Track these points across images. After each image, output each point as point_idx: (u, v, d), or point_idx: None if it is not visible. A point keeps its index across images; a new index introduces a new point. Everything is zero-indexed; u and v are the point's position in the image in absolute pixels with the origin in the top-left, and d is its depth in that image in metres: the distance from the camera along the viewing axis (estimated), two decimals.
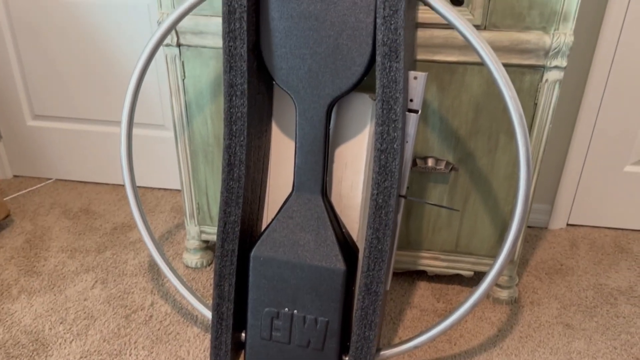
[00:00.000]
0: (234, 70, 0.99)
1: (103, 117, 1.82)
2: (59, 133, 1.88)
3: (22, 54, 1.75)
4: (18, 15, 1.68)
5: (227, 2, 0.95)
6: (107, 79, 1.74)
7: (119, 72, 1.72)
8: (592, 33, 1.44)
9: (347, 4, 0.94)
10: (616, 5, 1.37)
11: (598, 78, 1.48)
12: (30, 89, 1.81)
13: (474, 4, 1.07)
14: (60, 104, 1.82)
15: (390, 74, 0.93)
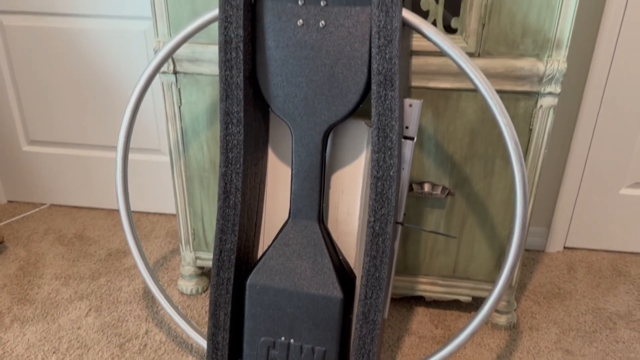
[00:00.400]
0: (230, 98, 0.99)
1: (98, 142, 1.82)
2: (54, 158, 1.87)
3: (17, 80, 1.75)
4: (14, 41, 1.69)
5: (223, 32, 0.96)
6: (103, 104, 1.75)
7: (115, 97, 1.73)
8: (584, 59, 1.45)
9: (342, 33, 0.95)
10: (607, 32, 1.39)
11: (591, 102, 1.49)
12: (25, 115, 1.81)
13: (468, 32, 1.08)
14: (56, 129, 1.82)
15: (386, 102, 0.93)
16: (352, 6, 0.93)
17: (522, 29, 1.06)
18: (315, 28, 0.96)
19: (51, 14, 1.62)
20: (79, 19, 1.62)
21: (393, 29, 0.90)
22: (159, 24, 1.19)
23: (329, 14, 0.95)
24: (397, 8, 0.89)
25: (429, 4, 1.10)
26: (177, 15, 1.17)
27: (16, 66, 1.73)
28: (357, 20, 0.94)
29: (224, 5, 0.95)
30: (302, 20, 0.96)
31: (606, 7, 1.37)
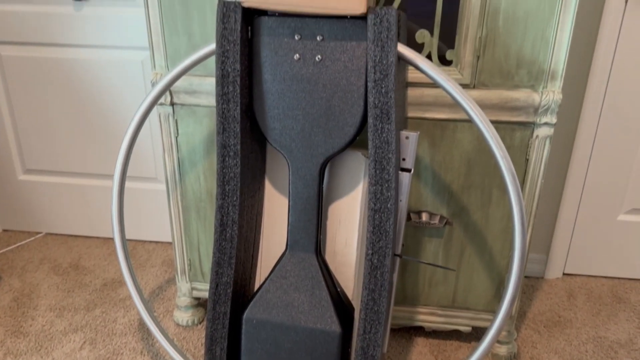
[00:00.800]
0: (227, 131, 1.00)
1: (95, 170, 1.81)
2: (50, 187, 1.87)
3: (15, 109, 1.76)
4: (11, 71, 1.69)
5: (220, 67, 0.97)
6: (99, 133, 1.75)
7: (112, 126, 1.73)
8: (579, 87, 1.47)
9: (338, 67, 0.95)
10: (601, 60, 1.40)
11: (587, 130, 1.50)
12: (22, 144, 1.81)
13: (463, 64, 1.09)
14: (52, 158, 1.82)
15: (382, 135, 0.93)
16: (348, 41, 0.94)
17: (517, 60, 1.07)
18: (311, 62, 0.97)
19: (49, 44, 1.64)
20: (77, 49, 1.63)
21: (389, 64, 0.91)
22: (156, 56, 1.20)
23: (325, 49, 0.96)
24: (393, 43, 0.90)
25: (423, 37, 1.11)
26: (174, 47, 1.18)
27: (13, 95, 1.73)
28: (353, 54, 0.95)
29: (221, 40, 0.95)
30: (298, 55, 0.97)
31: (599, 36, 1.38)
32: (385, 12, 0.89)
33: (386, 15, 0.89)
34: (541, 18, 1.03)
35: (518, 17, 1.04)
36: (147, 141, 1.73)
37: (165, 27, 1.17)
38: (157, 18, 1.16)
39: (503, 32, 1.05)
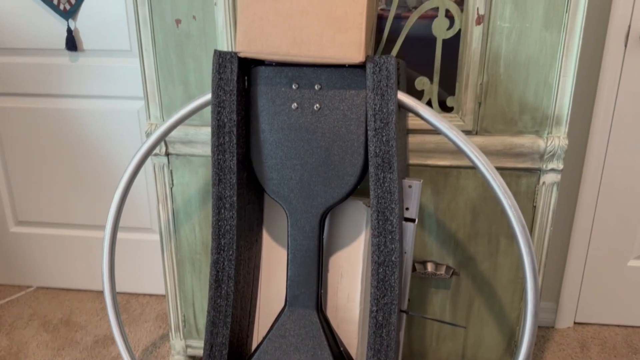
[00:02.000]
0: (223, 182, 0.96)
1: (88, 221, 1.77)
2: (42, 239, 1.81)
3: (7, 160, 1.73)
4: (4, 122, 1.67)
5: (216, 117, 0.94)
6: (94, 184, 1.71)
7: (106, 177, 1.70)
8: (582, 131, 1.44)
9: (337, 116, 0.93)
10: (603, 104, 1.39)
11: (592, 174, 1.47)
12: (14, 195, 1.77)
13: (464, 110, 1.07)
14: (45, 210, 1.77)
15: (385, 185, 0.90)
16: (346, 90, 0.92)
17: (520, 106, 1.05)
18: (309, 111, 0.94)
19: (43, 95, 1.62)
20: (72, 99, 1.62)
21: (389, 112, 0.88)
22: (150, 106, 1.18)
23: (324, 98, 0.93)
24: (393, 91, 0.88)
25: (423, 84, 1.10)
26: (169, 97, 1.16)
27: (6, 147, 1.71)
28: (352, 103, 0.92)
29: (217, 91, 0.93)
30: (296, 104, 0.94)
31: (600, 79, 1.37)
32: (385, 60, 0.88)
33: (385, 63, 0.88)
34: (543, 64, 1.01)
35: (519, 63, 1.02)
36: (142, 190, 1.69)
37: (160, 77, 1.15)
38: (152, 68, 1.14)
39: (504, 78, 1.04)
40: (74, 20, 1.53)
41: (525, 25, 1.00)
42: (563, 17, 0.98)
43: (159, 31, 1.11)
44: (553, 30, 0.99)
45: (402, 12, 1.13)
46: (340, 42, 0.87)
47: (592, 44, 1.33)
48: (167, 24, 1.10)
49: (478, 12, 1.00)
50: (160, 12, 1.09)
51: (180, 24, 1.09)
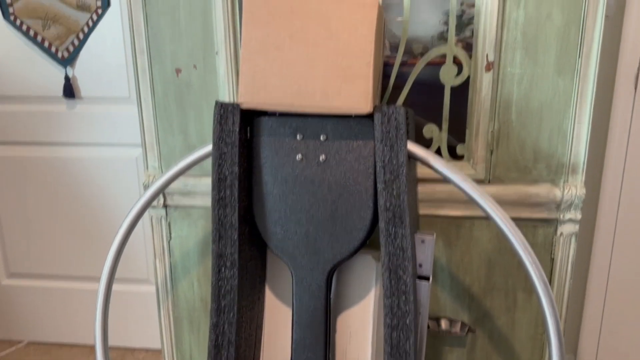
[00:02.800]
0: (224, 239, 0.90)
1: (82, 273, 1.70)
2: (35, 292, 1.74)
3: (0, 211, 1.67)
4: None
5: (217, 170, 0.89)
6: (89, 234, 1.65)
7: (101, 226, 1.64)
8: (594, 178, 1.40)
9: (344, 167, 0.88)
10: (615, 149, 1.35)
11: (606, 222, 1.42)
12: (7, 247, 1.71)
13: (476, 159, 1.03)
14: (38, 261, 1.71)
15: (396, 241, 0.84)
16: (353, 140, 0.88)
17: (534, 154, 1.01)
18: (315, 162, 0.90)
19: (39, 143, 1.59)
20: (68, 147, 1.58)
21: (399, 164, 0.84)
22: (149, 156, 1.13)
23: (330, 148, 0.89)
24: (402, 142, 0.84)
25: (432, 131, 1.06)
26: (168, 147, 1.12)
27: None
28: (359, 154, 0.88)
29: (218, 143, 0.89)
30: (301, 155, 0.90)
31: (611, 123, 1.34)
32: (393, 110, 0.84)
33: (394, 113, 0.84)
34: (557, 110, 0.98)
35: (532, 109, 0.98)
36: (139, 241, 1.63)
37: (159, 127, 1.11)
38: (150, 117, 1.10)
39: (517, 125, 1.00)
40: (72, 68, 1.51)
41: (536, 71, 0.97)
42: (576, 62, 0.95)
43: (158, 80, 1.08)
44: (566, 76, 0.96)
45: (408, 59, 1.10)
46: (347, 92, 0.83)
47: (600, 86, 1.30)
48: (166, 73, 1.07)
49: (487, 59, 0.97)
50: (160, 62, 1.07)
51: (180, 73, 1.06)
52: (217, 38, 1.03)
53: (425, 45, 1.20)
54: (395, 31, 1.25)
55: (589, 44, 0.94)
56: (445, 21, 1.18)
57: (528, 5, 0.94)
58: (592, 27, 0.93)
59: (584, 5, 0.93)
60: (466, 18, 1.11)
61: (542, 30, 0.94)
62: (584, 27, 0.93)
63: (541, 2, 0.93)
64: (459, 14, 1.11)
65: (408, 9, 1.00)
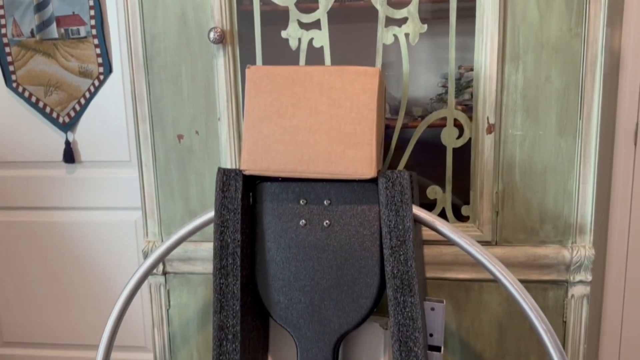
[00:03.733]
0: (226, 310, 0.87)
1: (80, 341, 1.64)
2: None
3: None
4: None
5: (219, 237, 0.87)
6: (86, 301, 1.61)
7: (99, 293, 1.60)
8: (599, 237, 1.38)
9: (349, 232, 0.87)
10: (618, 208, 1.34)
11: (615, 282, 1.39)
12: (1, 315, 1.66)
13: (481, 220, 1.01)
14: (34, 329, 1.65)
15: (406, 310, 0.81)
16: (358, 205, 0.87)
17: (540, 215, 0.99)
18: (319, 228, 0.88)
19: (37, 208, 1.57)
20: (66, 211, 1.56)
21: (405, 229, 0.82)
22: (149, 222, 1.11)
23: (334, 213, 0.87)
24: (408, 207, 0.82)
25: (435, 193, 1.05)
26: (169, 213, 1.10)
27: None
28: (364, 218, 0.86)
29: (220, 210, 0.87)
30: (304, 220, 0.88)
31: (613, 182, 1.34)
32: (397, 175, 0.83)
33: (398, 178, 0.83)
34: (561, 171, 0.97)
35: (536, 171, 0.98)
36: (137, 307, 1.59)
37: (160, 192, 1.10)
38: (151, 183, 1.09)
39: (521, 186, 0.99)
40: (73, 133, 1.52)
41: (538, 132, 0.97)
42: (577, 123, 0.96)
43: (160, 146, 1.08)
44: (568, 137, 0.96)
45: (409, 122, 1.11)
46: (350, 158, 0.83)
47: (600, 145, 1.30)
48: (168, 139, 1.07)
49: (488, 121, 0.98)
50: (162, 128, 1.07)
51: (182, 139, 1.06)
52: (220, 104, 1.03)
53: (425, 108, 1.21)
54: (394, 94, 1.27)
55: (589, 105, 0.95)
56: (443, 84, 1.20)
57: (526, 68, 0.95)
58: (591, 88, 0.94)
59: (581, 67, 0.94)
60: (465, 81, 1.13)
61: (542, 93, 0.95)
62: (583, 89, 0.94)
63: (539, 65, 0.95)
64: (458, 77, 1.13)
65: (407, 73, 1.02)
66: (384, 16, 0.99)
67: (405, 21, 0.99)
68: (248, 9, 1.04)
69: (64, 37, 1.46)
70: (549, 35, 0.94)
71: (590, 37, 0.93)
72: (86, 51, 1.46)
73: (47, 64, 1.49)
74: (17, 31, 1.48)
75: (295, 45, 1.02)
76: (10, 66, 1.50)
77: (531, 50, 0.95)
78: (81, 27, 1.45)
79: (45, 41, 1.47)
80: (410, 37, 0.99)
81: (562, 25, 0.94)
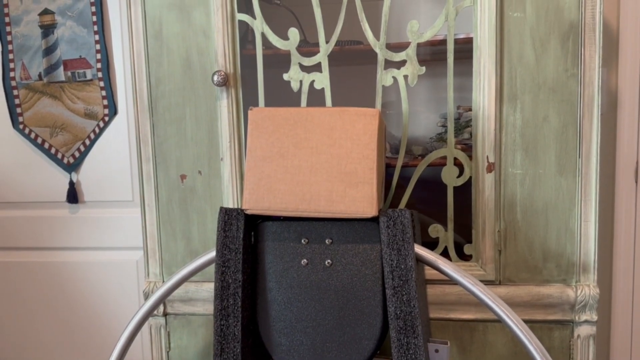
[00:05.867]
0: (226, 352, 0.86)
1: None
2: None
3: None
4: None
5: (220, 278, 0.87)
6: (87, 341, 1.58)
7: (101, 333, 1.57)
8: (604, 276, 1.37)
9: (351, 272, 0.86)
10: (622, 245, 1.33)
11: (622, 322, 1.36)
12: (1, 356, 1.63)
13: (484, 259, 1.01)
14: None
15: (409, 353, 0.80)
16: (359, 244, 0.86)
17: (543, 253, 0.99)
18: (321, 267, 0.88)
19: (39, 248, 1.57)
20: (68, 252, 1.56)
21: (408, 268, 0.82)
22: (150, 263, 1.11)
23: (335, 253, 0.87)
24: (410, 246, 0.82)
25: (437, 231, 1.05)
26: (170, 253, 1.10)
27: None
28: (366, 257, 0.86)
29: (222, 250, 0.87)
30: (306, 260, 0.88)
31: (615, 219, 1.33)
32: (399, 214, 0.83)
33: (400, 217, 0.83)
34: (562, 209, 0.97)
35: (537, 209, 0.98)
36: (137, 348, 1.56)
37: (162, 232, 1.10)
38: (154, 223, 1.10)
39: (523, 225, 0.99)
40: (77, 173, 1.53)
41: (538, 171, 0.98)
42: (577, 162, 0.96)
43: (162, 186, 1.09)
44: (568, 176, 0.97)
45: (410, 161, 1.12)
46: (351, 197, 0.83)
47: (601, 183, 1.31)
48: (171, 180, 1.08)
49: (488, 160, 0.99)
50: (165, 168, 1.08)
51: (185, 180, 1.07)
52: (223, 145, 1.05)
53: (425, 147, 1.22)
54: (394, 132, 1.29)
55: (588, 143, 0.96)
56: (442, 123, 1.22)
57: (524, 109, 0.97)
58: (589, 127, 0.95)
59: (579, 108, 0.95)
60: (464, 120, 1.15)
61: (540, 132, 0.97)
62: (581, 128, 0.95)
63: (537, 105, 0.96)
64: (457, 117, 1.15)
65: (407, 114, 1.03)
66: (383, 59, 1.01)
67: (404, 63, 1.01)
68: (251, 52, 1.06)
69: (71, 80, 1.50)
70: (546, 76, 0.96)
71: (587, 78, 0.95)
72: (92, 93, 1.49)
73: (54, 106, 1.51)
74: (26, 74, 1.52)
75: (296, 87, 1.05)
76: (18, 108, 1.53)
77: (528, 90, 0.97)
78: (87, 70, 1.49)
79: (52, 84, 1.51)
80: (409, 79, 1.02)
81: (558, 67, 0.96)
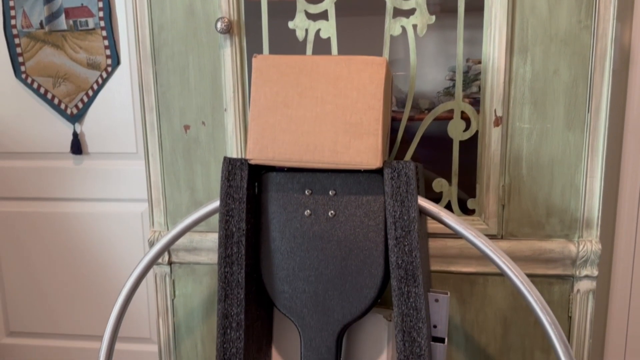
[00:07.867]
0: (230, 298, 0.87)
1: (84, 332, 1.65)
2: (35, 351, 1.69)
3: (2, 266, 1.65)
4: (1, 228, 1.62)
5: (224, 226, 0.88)
6: (92, 292, 1.62)
7: (105, 284, 1.61)
8: (606, 232, 1.37)
9: (354, 223, 0.86)
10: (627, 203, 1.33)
11: (622, 278, 1.38)
12: (8, 305, 1.67)
13: (487, 214, 1.01)
14: (39, 319, 1.67)
15: (410, 301, 0.81)
16: (363, 195, 0.86)
17: (547, 209, 0.99)
18: (324, 218, 0.88)
19: (44, 199, 1.58)
20: (73, 202, 1.57)
21: (410, 220, 0.82)
22: (155, 212, 1.12)
23: (339, 204, 0.87)
24: (413, 197, 0.82)
25: (441, 186, 1.04)
26: (175, 203, 1.11)
27: (1, 252, 1.63)
28: (369, 209, 0.86)
29: (225, 199, 0.88)
30: (309, 211, 0.88)
31: (621, 177, 1.33)
32: (403, 165, 0.83)
33: (404, 168, 0.83)
34: (568, 165, 0.97)
35: (543, 164, 0.97)
36: (142, 298, 1.59)
37: (166, 183, 1.10)
38: (158, 173, 1.10)
39: (528, 180, 0.98)
40: (80, 124, 1.53)
41: (546, 126, 0.96)
42: (585, 117, 0.95)
43: (166, 137, 1.08)
44: (576, 131, 0.96)
45: (416, 114, 1.11)
46: (356, 148, 0.83)
47: (609, 139, 1.30)
48: (175, 130, 1.07)
49: (496, 114, 0.97)
50: (169, 119, 1.07)
51: (189, 130, 1.07)
52: (226, 95, 1.04)
53: (431, 101, 1.20)
54: (401, 87, 1.26)
55: (598, 98, 0.94)
56: (451, 77, 1.19)
57: (535, 61, 0.95)
58: (600, 82, 0.93)
59: (590, 61, 0.93)
60: (472, 74, 1.12)
61: (550, 86, 0.95)
62: (592, 82, 0.93)
63: (548, 58, 0.94)
64: (465, 70, 1.12)
65: (414, 66, 1.01)
66: (392, 7, 0.99)
67: (413, 12, 0.98)
68: None
69: (73, 29, 1.47)
70: (558, 28, 0.93)
71: (600, 30, 0.93)
72: (94, 43, 1.47)
73: (56, 55, 1.49)
74: (27, 22, 1.49)
75: (302, 36, 1.02)
76: (20, 57, 1.51)
77: (540, 42, 0.94)
78: (89, 19, 1.46)
79: (54, 33, 1.48)
80: (418, 29, 0.99)
81: (572, 18, 0.93)
